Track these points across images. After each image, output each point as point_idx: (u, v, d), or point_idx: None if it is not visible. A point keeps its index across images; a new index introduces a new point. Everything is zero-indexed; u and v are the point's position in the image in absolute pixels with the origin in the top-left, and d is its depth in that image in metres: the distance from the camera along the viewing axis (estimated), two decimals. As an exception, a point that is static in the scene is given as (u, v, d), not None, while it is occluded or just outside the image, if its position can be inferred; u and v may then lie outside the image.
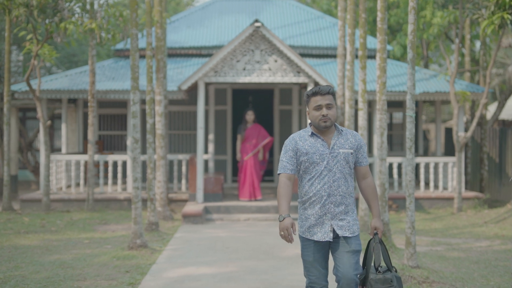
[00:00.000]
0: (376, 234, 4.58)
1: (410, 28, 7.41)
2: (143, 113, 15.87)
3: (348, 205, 4.51)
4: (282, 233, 4.33)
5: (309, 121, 4.70)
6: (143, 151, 15.68)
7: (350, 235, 4.45)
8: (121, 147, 16.77)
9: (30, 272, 7.63)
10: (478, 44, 23.16)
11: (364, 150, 4.61)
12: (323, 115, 4.42)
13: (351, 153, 4.52)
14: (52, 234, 10.79)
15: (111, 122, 16.87)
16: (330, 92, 4.46)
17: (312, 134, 4.51)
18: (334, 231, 4.47)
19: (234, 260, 8.44)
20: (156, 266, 8.03)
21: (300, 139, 4.51)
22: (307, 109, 4.52)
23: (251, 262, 8.34)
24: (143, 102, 15.27)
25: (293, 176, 4.52)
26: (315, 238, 4.47)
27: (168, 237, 10.39)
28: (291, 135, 4.59)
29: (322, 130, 4.48)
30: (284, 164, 4.51)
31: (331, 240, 4.47)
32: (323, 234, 4.46)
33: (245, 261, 8.41)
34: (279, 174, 4.52)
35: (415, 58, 7.45)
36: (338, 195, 4.46)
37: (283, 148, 4.56)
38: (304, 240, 4.57)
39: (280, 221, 4.35)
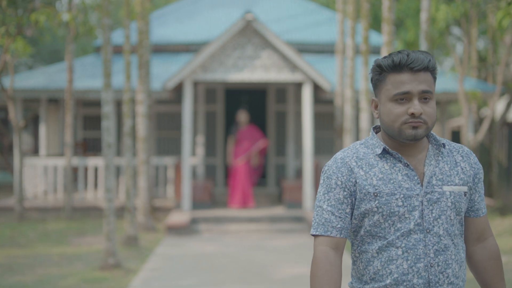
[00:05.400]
0: None
1: (423, 16, 6.36)
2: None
3: None
4: None
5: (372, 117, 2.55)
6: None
7: None
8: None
9: (-20, 300, 6.57)
10: (481, 41, 22.21)
11: (483, 185, 2.31)
12: (412, 114, 2.09)
13: (465, 193, 2.21)
14: (20, 248, 9.71)
15: (97, 123, 15.79)
16: (430, 67, 2.13)
17: (385, 153, 2.19)
18: None
19: (220, 283, 7.37)
20: (128, 291, 6.96)
21: (359, 164, 2.18)
22: (375, 97, 2.24)
23: (239, 286, 7.27)
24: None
25: (343, 243, 2.17)
26: None
27: (147, 252, 9.30)
28: (337, 155, 2.23)
29: (406, 143, 2.17)
30: (325, 216, 2.17)
31: None
32: None
33: (232, 284, 7.34)
34: (313, 236, 2.19)
35: (429, 50, 6.41)
36: (446, 281, 2.15)
37: (321, 180, 2.23)
38: None
39: None
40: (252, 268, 8.20)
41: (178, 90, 13.10)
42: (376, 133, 2.29)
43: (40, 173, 13.38)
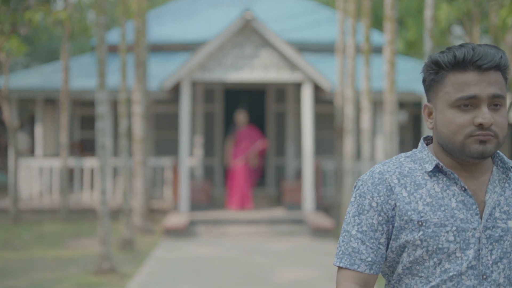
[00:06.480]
0: None
1: (428, 13, 6.16)
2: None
3: None
4: None
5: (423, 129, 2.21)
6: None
7: None
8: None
9: (-30, 306, 6.37)
10: (483, 40, 22.04)
11: None
12: (480, 125, 1.61)
13: None
14: (15, 251, 9.51)
15: (94, 123, 15.57)
16: (502, 65, 1.64)
17: (437, 171, 1.70)
18: None
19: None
20: (123, 297, 6.77)
21: (401, 182, 1.70)
22: (428, 102, 1.75)
23: (237, 291, 7.08)
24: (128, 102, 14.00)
25: (373, 280, 1.71)
26: None
27: (144, 256, 9.09)
28: (375, 168, 1.75)
29: (469, 162, 1.68)
30: (353, 244, 1.70)
31: None
32: None
33: (230, 289, 7.15)
34: (336, 266, 1.73)
35: (433, 49, 6.21)
36: None
37: (352, 198, 1.76)
38: None
39: None
40: (251, 272, 8.00)
41: (176, 90, 12.90)
42: (427, 145, 1.77)
43: (35, 174, 13.18)
